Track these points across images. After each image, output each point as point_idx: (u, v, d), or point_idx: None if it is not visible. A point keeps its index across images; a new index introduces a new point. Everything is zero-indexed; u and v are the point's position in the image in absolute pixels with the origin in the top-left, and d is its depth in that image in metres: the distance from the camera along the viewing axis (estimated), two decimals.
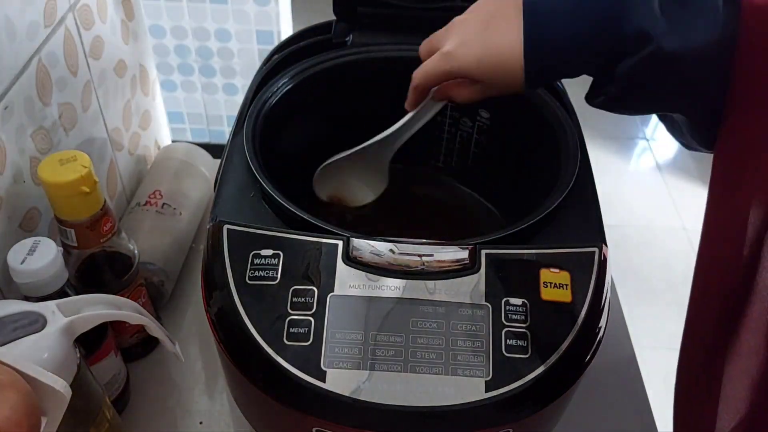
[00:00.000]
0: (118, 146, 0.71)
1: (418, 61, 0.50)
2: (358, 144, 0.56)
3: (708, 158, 0.47)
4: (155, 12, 1.42)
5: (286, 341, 0.40)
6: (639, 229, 1.87)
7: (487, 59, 0.45)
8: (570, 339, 0.41)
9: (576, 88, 0.54)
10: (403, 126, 0.54)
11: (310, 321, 0.41)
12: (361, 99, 0.60)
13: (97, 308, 0.44)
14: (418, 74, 0.50)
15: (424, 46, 0.51)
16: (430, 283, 0.42)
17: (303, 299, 0.41)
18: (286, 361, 0.40)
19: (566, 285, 0.42)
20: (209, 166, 0.77)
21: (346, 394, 0.39)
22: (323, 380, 0.39)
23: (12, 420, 0.30)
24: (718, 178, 0.46)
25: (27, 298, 0.47)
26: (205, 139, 1.66)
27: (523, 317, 0.41)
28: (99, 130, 0.66)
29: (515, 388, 0.39)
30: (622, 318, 0.68)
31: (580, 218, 0.46)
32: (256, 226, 0.44)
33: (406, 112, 0.54)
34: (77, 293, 0.47)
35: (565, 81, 0.57)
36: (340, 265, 0.42)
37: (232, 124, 0.53)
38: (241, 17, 1.42)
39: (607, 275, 0.44)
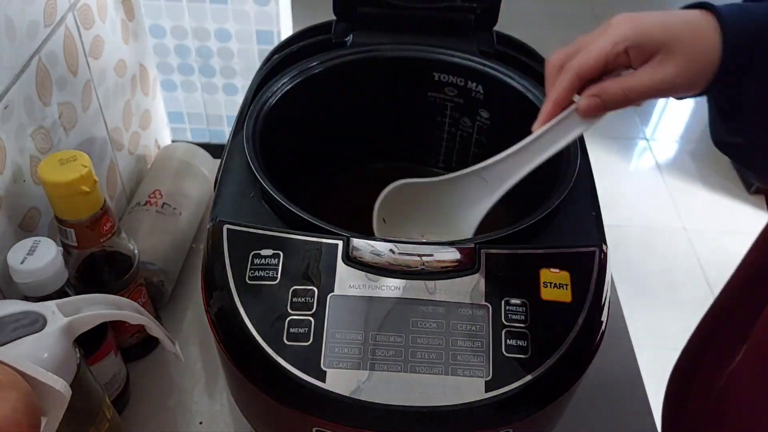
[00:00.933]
0: (118, 146, 0.71)
1: (418, 61, 0.49)
2: (358, 143, 0.56)
3: (708, 158, 0.47)
4: (155, 12, 1.42)
5: (286, 341, 0.40)
6: (639, 229, 1.87)
7: (675, 24, 0.40)
8: (570, 339, 0.41)
9: None
10: (522, 149, 0.45)
11: (310, 321, 0.41)
12: (361, 99, 0.60)
13: (97, 308, 0.44)
14: (577, 58, 0.41)
15: (556, 55, 0.43)
16: (430, 283, 0.42)
17: (303, 299, 0.41)
18: (286, 361, 0.40)
19: (566, 285, 0.42)
20: (209, 166, 0.77)
21: (346, 394, 0.39)
22: (323, 380, 0.39)
23: (12, 420, 0.30)
24: None
25: (27, 298, 0.47)
26: (205, 139, 1.66)
27: (523, 317, 0.41)
28: (99, 129, 0.66)
29: (515, 388, 0.39)
30: (622, 318, 0.68)
31: (580, 218, 0.46)
32: (256, 226, 0.44)
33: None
34: (77, 293, 0.47)
35: None
36: (340, 265, 0.42)
37: (232, 124, 0.53)
38: (241, 17, 1.42)
39: (607, 275, 0.44)
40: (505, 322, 0.41)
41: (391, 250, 0.42)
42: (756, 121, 0.44)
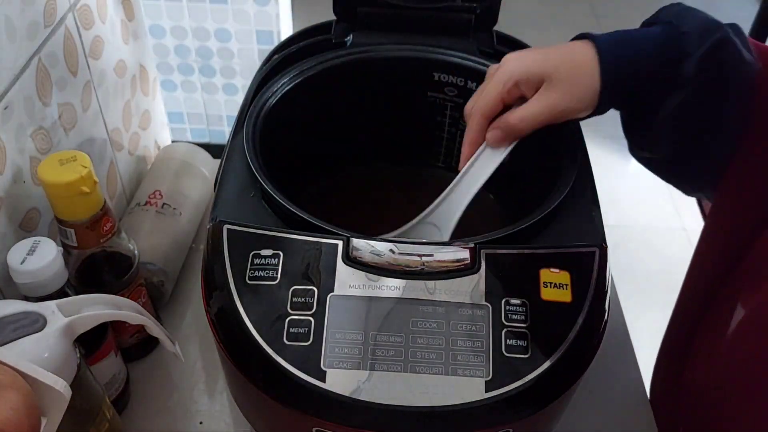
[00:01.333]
0: (118, 146, 0.71)
1: (418, 61, 0.50)
2: (358, 143, 0.56)
3: None
4: (155, 12, 1.42)
5: (286, 341, 0.40)
6: (639, 229, 1.87)
7: (554, 56, 0.46)
8: (570, 339, 0.41)
9: None
10: (453, 188, 0.50)
11: (310, 321, 0.41)
12: (361, 99, 0.60)
13: (97, 308, 0.44)
14: (478, 100, 0.48)
15: (469, 104, 0.50)
16: (430, 283, 0.42)
17: (303, 299, 0.41)
18: (286, 361, 0.40)
19: (566, 285, 0.42)
20: (209, 166, 0.77)
21: (346, 394, 0.39)
22: (323, 380, 0.39)
23: (12, 420, 0.30)
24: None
25: (27, 298, 0.47)
26: (205, 139, 1.66)
27: (523, 317, 0.41)
28: (99, 130, 0.66)
29: (515, 388, 0.39)
30: (622, 318, 0.68)
31: (580, 218, 0.46)
32: (256, 226, 0.44)
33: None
34: (77, 293, 0.47)
35: None
36: (340, 265, 0.42)
37: (232, 124, 0.53)
38: (241, 17, 1.42)
39: (607, 275, 0.44)
40: (505, 322, 0.41)
41: (391, 250, 0.42)
42: (652, 139, 0.50)
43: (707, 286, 0.55)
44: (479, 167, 0.50)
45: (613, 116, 0.51)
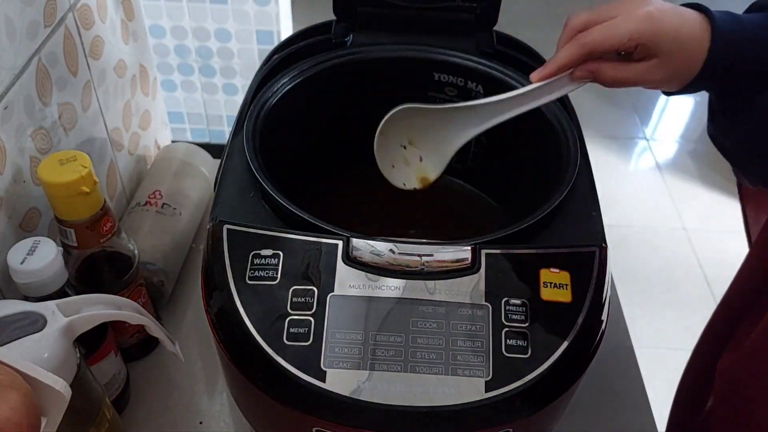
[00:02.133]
0: (118, 146, 0.71)
1: (418, 61, 0.49)
2: (358, 143, 0.56)
3: (708, 158, 0.48)
4: (155, 12, 1.42)
5: (286, 341, 0.40)
6: (639, 229, 1.87)
7: (685, 31, 0.44)
8: (570, 339, 0.41)
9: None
10: (516, 97, 0.48)
11: (310, 321, 0.41)
12: (361, 99, 0.60)
13: (97, 308, 0.44)
14: (595, 33, 0.44)
15: (582, 17, 0.46)
16: (430, 283, 0.42)
17: (303, 299, 0.41)
18: (286, 361, 0.40)
19: (566, 285, 0.42)
20: (209, 166, 0.77)
21: (346, 394, 0.39)
22: (323, 380, 0.39)
23: (12, 420, 0.30)
24: None
25: (27, 298, 0.47)
26: (205, 139, 1.66)
27: (523, 317, 0.41)
28: (99, 130, 0.66)
29: (515, 388, 0.39)
30: (622, 318, 0.68)
31: (580, 218, 0.46)
32: (256, 226, 0.44)
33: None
34: (77, 293, 0.47)
35: None
36: (340, 265, 0.42)
37: (232, 124, 0.53)
38: (241, 17, 1.42)
39: (607, 275, 0.44)
40: (505, 322, 0.41)
41: (391, 250, 0.42)
42: (736, 126, 0.47)
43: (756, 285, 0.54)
44: (549, 89, 0.48)
45: (613, 116, 0.51)
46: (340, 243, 0.43)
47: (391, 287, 0.41)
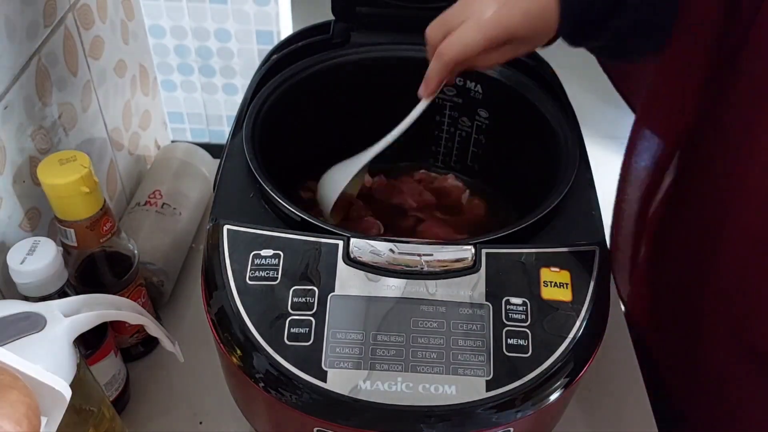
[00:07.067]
0: (118, 146, 0.71)
1: (417, 61, 0.50)
2: (358, 143, 0.56)
3: None
4: (155, 12, 1.42)
5: (286, 341, 0.40)
6: None
7: (534, 10, 0.45)
8: (570, 338, 0.41)
9: (575, 88, 0.54)
10: (410, 120, 0.52)
11: (311, 321, 0.41)
12: (361, 99, 0.60)
13: (97, 308, 0.44)
14: (453, 48, 0.46)
15: (437, 28, 0.48)
16: (430, 283, 0.42)
17: (303, 299, 0.41)
18: (287, 360, 0.40)
19: (566, 284, 0.42)
20: (209, 166, 0.77)
21: (347, 393, 0.39)
22: (324, 380, 0.39)
23: (12, 420, 0.30)
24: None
25: (27, 299, 0.47)
26: (205, 139, 1.66)
27: (523, 316, 0.41)
28: (99, 130, 0.66)
29: (516, 388, 0.39)
30: (623, 318, 0.68)
31: (580, 218, 0.46)
32: (256, 226, 0.44)
33: (409, 108, 0.52)
34: (77, 293, 0.47)
35: (563, 81, 0.58)
36: (341, 265, 0.42)
37: (232, 124, 0.53)
38: (241, 17, 1.42)
39: (607, 274, 0.44)
40: (505, 321, 0.41)
41: (390, 250, 0.42)
42: (588, 44, 0.50)
43: None
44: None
45: (613, 116, 0.51)
46: (340, 243, 0.43)
47: (392, 287, 0.41)
